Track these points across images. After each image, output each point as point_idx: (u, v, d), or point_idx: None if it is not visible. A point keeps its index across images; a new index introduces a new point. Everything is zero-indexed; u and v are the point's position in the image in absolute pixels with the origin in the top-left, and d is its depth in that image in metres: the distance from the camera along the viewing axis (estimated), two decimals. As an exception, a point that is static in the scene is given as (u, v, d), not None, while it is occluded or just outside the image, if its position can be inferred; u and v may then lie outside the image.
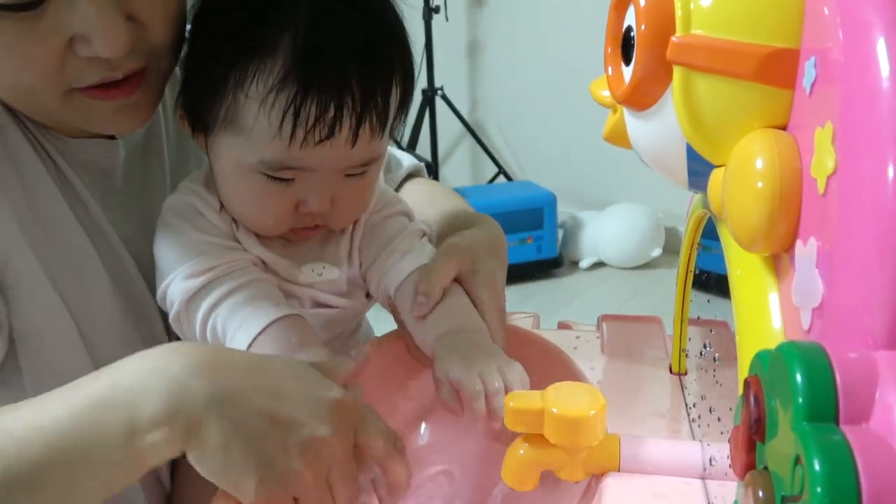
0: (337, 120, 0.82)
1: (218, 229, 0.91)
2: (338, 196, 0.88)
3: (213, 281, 0.87)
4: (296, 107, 0.81)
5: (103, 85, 0.83)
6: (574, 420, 0.69)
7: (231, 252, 0.89)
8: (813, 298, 0.47)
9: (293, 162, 0.84)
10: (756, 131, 0.54)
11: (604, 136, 0.74)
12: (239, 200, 0.89)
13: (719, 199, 0.57)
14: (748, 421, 0.46)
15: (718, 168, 0.59)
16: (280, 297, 0.89)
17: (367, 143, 0.85)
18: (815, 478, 0.37)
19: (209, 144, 0.89)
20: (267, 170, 0.84)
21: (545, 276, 3.56)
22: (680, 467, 0.72)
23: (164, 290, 0.89)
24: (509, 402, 0.71)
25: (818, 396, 0.40)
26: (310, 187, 0.86)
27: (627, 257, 3.61)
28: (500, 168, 4.12)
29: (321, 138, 0.82)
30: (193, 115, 0.89)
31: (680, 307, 0.93)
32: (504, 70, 4.25)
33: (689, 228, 0.83)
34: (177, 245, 0.89)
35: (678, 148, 0.60)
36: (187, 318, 0.88)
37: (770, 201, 0.50)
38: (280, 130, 0.81)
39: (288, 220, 0.89)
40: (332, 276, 0.95)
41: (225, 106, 0.84)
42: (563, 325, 1.26)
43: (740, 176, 0.53)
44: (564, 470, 0.72)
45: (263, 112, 0.81)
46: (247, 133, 0.83)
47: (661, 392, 0.94)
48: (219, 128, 0.86)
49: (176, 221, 0.91)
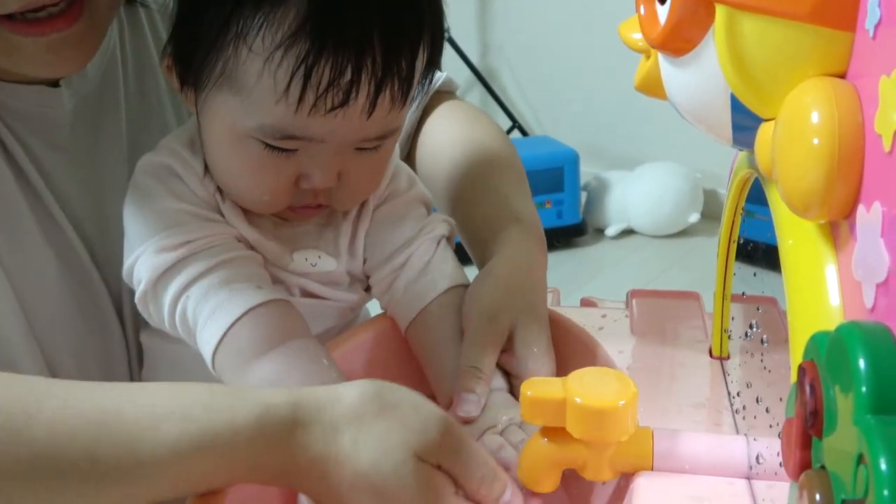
0: (353, 85, 0.80)
1: (198, 198, 0.90)
2: (346, 172, 0.87)
3: (188, 257, 0.86)
4: (307, 67, 0.79)
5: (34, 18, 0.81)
6: (600, 412, 0.69)
7: (211, 225, 0.89)
8: (877, 272, 0.47)
9: (298, 131, 0.82)
10: (811, 80, 0.54)
11: (635, 86, 0.74)
12: (230, 170, 0.88)
13: (768, 157, 0.57)
14: (802, 413, 0.46)
15: (767, 122, 0.58)
16: (265, 279, 0.89)
17: (386, 114, 0.84)
18: (881, 479, 0.37)
19: (199, 102, 0.88)
20: (267, 137, 0.83)
21: (566, 246, 3.56)
22: (722, 466, 0.72)
23: (131, 265, 0.88)
24: (526, 390, 0.71)
25: (884, 385, 0.40)
26: (314, 160, 0.85)
27: (661, 224, 3.61)
28: (515, 122, 4.12)
29: (333, 106, 0.81)
30: (183, 66, 0.88)
31: (722, 281, 0.93)
32: (519, 9, 4.24)
33: (732, 191, 0.83)
34: (149, 213, 0.88)
35: (721, 99, 0.60)
36: (155, 298, 0.87)
37: (827, 160, 0.50)
38: (286, 93, 0.80)
39: (285, 197, 0.88)
40: (327, 268, 0.94)
41: (223, 59, 0.83)
42: (587, 302, 1.27)
43: (793, 131, 0.53)
44: (589, 469, 0.72)
45: (268, 70, 0.80)
46: (246, 93, 0.82)
47: (699, 379, 0.94)
48: (213, 84, 0.84)
49: (150, 185, 0.90)
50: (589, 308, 1.21)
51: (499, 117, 4.20)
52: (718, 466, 0.72)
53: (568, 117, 4.13)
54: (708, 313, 1.05)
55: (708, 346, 0.99)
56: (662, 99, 0.70)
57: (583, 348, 0.89)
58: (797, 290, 0.55)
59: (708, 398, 0.91)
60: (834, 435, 0.43)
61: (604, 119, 3.98)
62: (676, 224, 3.60)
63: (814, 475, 0.45)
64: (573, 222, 3.59)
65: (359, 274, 0.97)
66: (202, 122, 0.89)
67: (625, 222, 3.66)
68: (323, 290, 0.94)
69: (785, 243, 0.57)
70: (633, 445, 0.72)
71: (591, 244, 3.64)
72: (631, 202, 3.64)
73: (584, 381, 0.70)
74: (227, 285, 0.85)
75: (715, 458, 0.72)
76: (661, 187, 3.59)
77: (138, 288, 0.88)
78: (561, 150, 3.57)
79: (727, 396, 0.90)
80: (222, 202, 0.90)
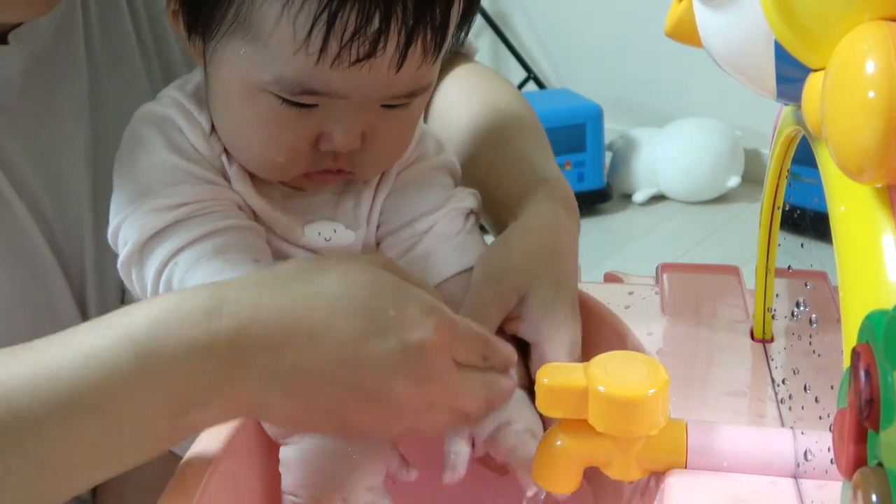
0: (381, 34, 0.80)
1: (202, 157, 0.90)
2: (371, 133, 0.87)
3: (182, 220, 0.86)
4: (330, 12, 0.79)
5: None
6: (627, 402, 0.69)
7: (213, 188, 0.89)
8: (941, 243, 0.47)
9: (319, 84, 0.82)
10: (865, 24, 0.54)
11: (666, 32, 0.74)
12: (241, 129, 0.89)
13: (817, 112, 0.56)
14: (856, 403, 0.46)
15: (816, 73, 0.58)
16: (263, 252, 0.89)
17: (416, 67, 0.84)
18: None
19: (208, 52, 0.88)
20: (284, 91, 0.83)
21: (588, 213, 3.56)
22: (765, 463, 0.72)
23: (117, 225, 0.88)
24: (543, 378, 0.71)
25: (949, 372, 0.40)
26: (336, 118, 0.85)
27: (695, 189, 3.61)
28: (530, 72, 4.11)
29: (359, 57, 0.80)
30: (191, 11, 0.87)
31: (765, 254, 0.93)
32: (534, -56, 4.23)
33: (776, 152, 0.83)
34: (144, 168, 0.89)
35: (764, 46, 0.59)
36: (140, 263, 0.87)
37: (884, 116, 0.50)
38: (307, 42, 0.80)
39: (303, 160, 0.88)
40: (345, 241, 0.94)
41: (237, 3, 0.82)
42: (612, 278, 1.27)
43: (845, 83, 0.52)
44: (615, 466, 0.73)
45: (287, 16, 0.80)
46: (263, 41, 0.82)
47: (740, 365, 0.95)
48: (225, 31, 0.84)
49: (149, 135, 0.90)
50: (614, 284, 1.21)
51: (512, 67, 4.20)
52: (761, 464, 0.72)
53: (590, 67, 4.13)
54: (749, 290, 1.05)
55: (749, 328, 0.99)
56: (697, 46, 0.70)
57: (607, 330, 0.89)
58: (850, 263, 0.55)
59: (749, 386, 0.91)
60: (892, 427, 0.43)
61: (631, 69, 3.97)
62: (713, 189, 3.60)
63: (869, 473, 0.45)
64: (596, 186, 3.59)
65: (371, 243, 0.97)
66: (210, 75, 0.89)
67: (654, 187, 3.67)
68: None
69: (836, 210, 0.57)
70: (665, 440, 0.72)
71: (617, 211, 3.65)
72: (661, 164, 3.64)
73: (609, 367, 0.71)
74: (221, 255, 0.85)
75: (757, 454, 0.72)
76: (696, 147, 3.59)
77: (122, 250, 0.87)
78: (582, 105, 3.57)
79: (771, 384, 0.90)
80: (229, 165, 0.91)
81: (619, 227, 3.54)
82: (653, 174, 3.65)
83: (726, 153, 3.58)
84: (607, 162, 3.69)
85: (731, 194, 3.61)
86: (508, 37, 4.16)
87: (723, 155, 3.58)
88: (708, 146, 3.58)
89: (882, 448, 0.44)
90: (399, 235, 0.96)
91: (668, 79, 3.77)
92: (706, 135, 3.59)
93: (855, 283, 0.55)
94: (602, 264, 2.80)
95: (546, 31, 4.30)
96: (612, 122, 3.70)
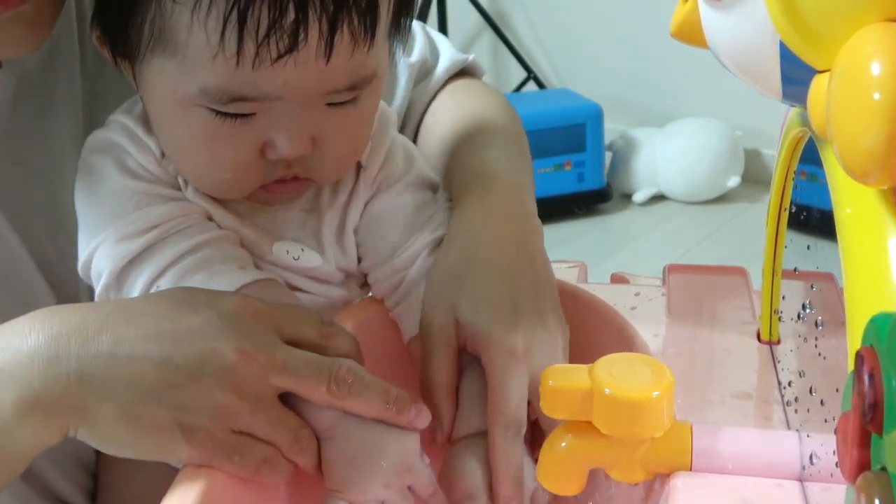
0: (300, 25, 0.76)
1: (157, 179, 0.88)
2: (321, 135, 0.83)
3: (157, 243, 0.85)
4: (240, 10, 0.75)
5: None
6: (632, 404, 0.69)
7: (179, 205, 0.87)
8: (947, 245, 0.47)
9: (246, 89, 0.79)
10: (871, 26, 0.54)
11: (671, 32, 0.74)
12: (182, 149, 0.86)
13: (822, 114, 0.56)
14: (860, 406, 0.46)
15: (822, 74, 0.58)
16: (246, 260, 0.88)
17: (349, 56, 0.80)
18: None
19: (137, 74, 0.85)
20: (213, 103, 0.79)
21: (589, 213, 3.57)
22: (770, 465, 0.72)
23: (88, 258, 0.87)
24: (547, 379, 0.72)
25: (956, 374, 0.40)
26: (278, 124, 0.81)
27: (695, 189, 3.61)
28: (530, 72, 4.11)
29: (280, 53, 0.76)
30: (110, 33, 0.85)
31: (771, 255, 0.93)
32: (534, -57, 4.24)
33: (783, 153, 0.83)
34: (104, 197, 0.87)
35: (769, 47, 0.60)
36: (119, 294, 0.85)
37: (890, 118, 0.50)
38: (222, 45, 0.76)
39: (253, 173, 0.85)
40: (311, 264, 0.91)
41: (149, 18, 0.79)
42: (618, 278, 1.27)
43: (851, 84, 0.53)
44: (619, 468, 0.73)
45: (197, 21, 0.76)
46: (181, 53, 0.79)
47: (745, 367, 0.95)
48: (145, 50, 0.81)
49: (100, 163, 0.88)
50: (620, 285, 1.21)
51: (511, 67, 4.20)
52: (766, 466, 0.72)
53: (591, 67, 4.13)
54: (755, 291, 1.05)
55: (755, 329, 1.00)
56: (702, 47, 0.70)
57: (612, 331, 0.89)
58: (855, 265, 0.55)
59: (755, 388, 0.91)
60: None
61: (632, 69, 3.98)
62: (713, 189, 3.61)
63: (873, 477, 0.45)
64: (596, 187, 3.60)
65: (354, 271, 0.95)
66: (144, 98, 0.87)
67: (654, 187, 3.67)
68: (310, 285, 0.92)
69: (842, 212, 0.58)
70: (670, 442, 0.72)
71: (617, 211, 3.65)
72: (661, 164, 3.64)
73: (614, 368, 0.71)
74: (207, 268, 0.84)
75: (762, 456, 0.73)
76: (696, 147, 3.60)
77: (98, 283, 0.86)
78: (582, 105, 3.58)
79: (777, 387, 0.91)
80: (185, 186, 0.89)
81: (619, 228, 3.54)
82: (653, 174, 3.65)
83: (726, 153, 3.59)
84: (607, 162, 3.69)
85: (731, 194, 3.61)
86: (508, 37, 4.16)
87: (723, 155, 3.58)
88: (708, 146, 3.58)
89: (886, 452, 0.45)
90: (382, 271, 0.93)
91: (668, 79, 3.77)
92: (706, 135, 3.59)
93: (860, 285, 0.55)
94: (602, 264, 2.81)
95: (546, 31, 4.29)
96: (612, 122, 3.70)
